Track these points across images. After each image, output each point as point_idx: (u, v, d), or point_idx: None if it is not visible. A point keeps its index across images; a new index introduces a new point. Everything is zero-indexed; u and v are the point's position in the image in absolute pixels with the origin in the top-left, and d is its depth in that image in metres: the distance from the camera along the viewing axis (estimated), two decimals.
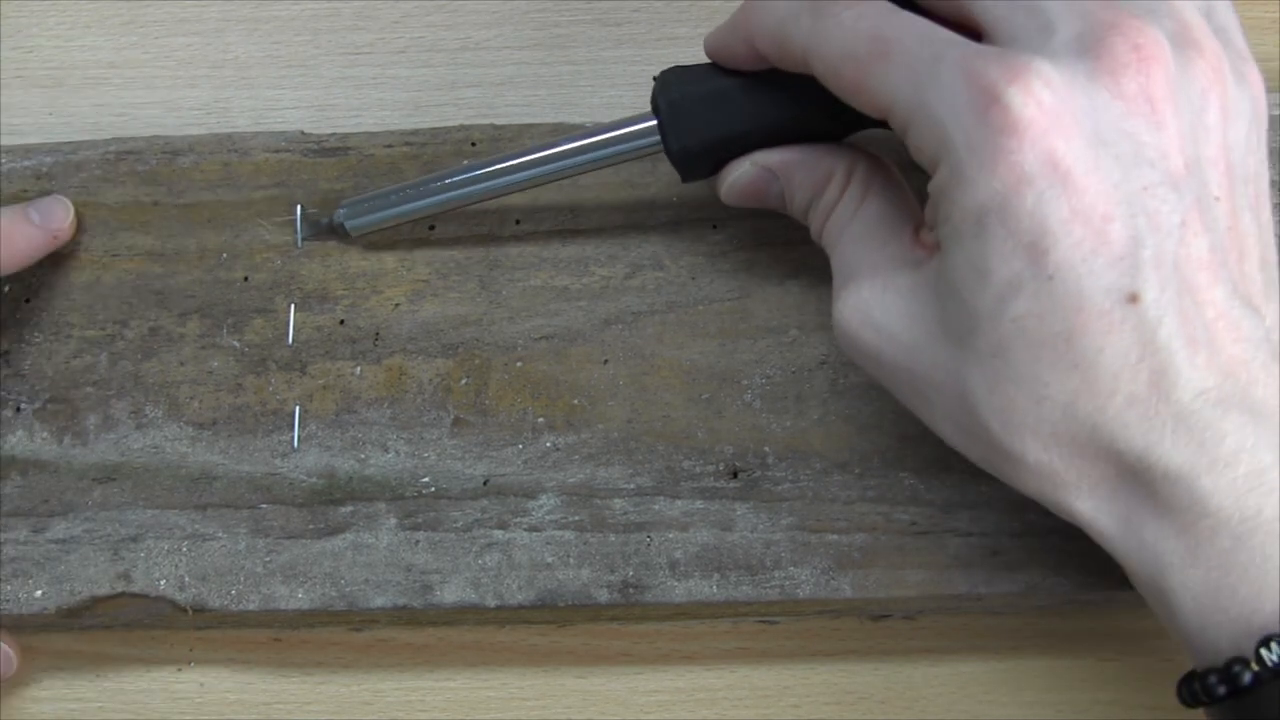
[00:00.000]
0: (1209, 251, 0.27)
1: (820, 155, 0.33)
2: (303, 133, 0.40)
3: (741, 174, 0.34)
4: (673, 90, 0.34)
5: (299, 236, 0.38)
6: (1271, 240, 0.30)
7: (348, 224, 0.37)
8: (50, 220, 0.38)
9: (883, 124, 0.31)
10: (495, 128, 0.39)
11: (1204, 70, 0.28)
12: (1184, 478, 0.27)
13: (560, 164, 0.36)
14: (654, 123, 0.34)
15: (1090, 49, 0.27)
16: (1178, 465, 0.27)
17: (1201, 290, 0.27)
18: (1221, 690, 0.27)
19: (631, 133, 0.35)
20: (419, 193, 0.37)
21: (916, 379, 0.30)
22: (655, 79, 0.34)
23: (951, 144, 0.27)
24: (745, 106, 0.33)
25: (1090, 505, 0.29)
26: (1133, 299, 0.27)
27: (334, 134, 0.40)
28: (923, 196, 0.30)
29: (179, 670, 0.39)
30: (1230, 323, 0.27)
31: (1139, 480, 0.28)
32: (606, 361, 0.37)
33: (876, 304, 0.31)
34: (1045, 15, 0.28)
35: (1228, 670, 0.27)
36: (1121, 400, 0.27)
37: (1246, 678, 0.26)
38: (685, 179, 0.35)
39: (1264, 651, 0.26)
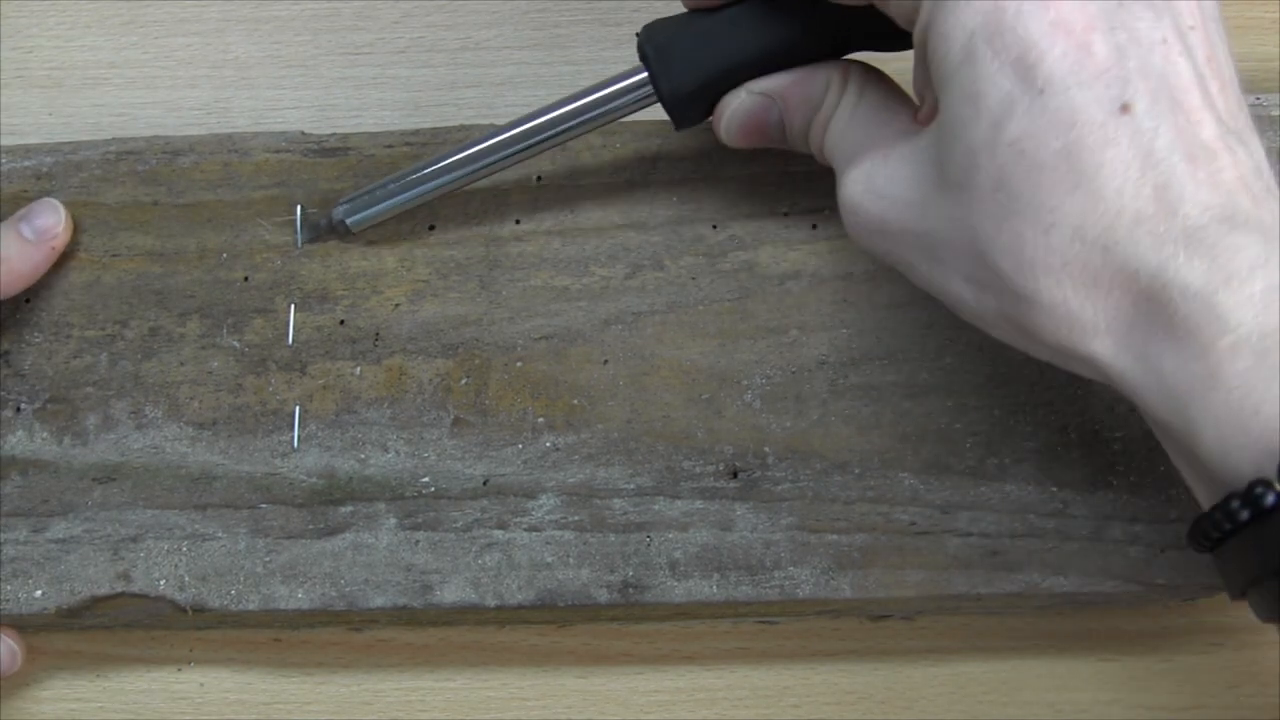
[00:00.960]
0: (1192, 76, 0.28)
1: (812, 70, 0.34)
2: (303, 133, 0.40)
3: (739, 104, 0.34)
4: (658, 35, 0.34)
5: (299, 238, 0.38)
6: (1234, 72, 0.30)
7: (348, 220, 0.37)
8: (45, 234, 0.38)
9: (866, 45, 0.32)
10: (495, 128, 0.39)
11: None
12: (1201, 295, 0.26)
13: (554, 130, 0.35)
14: (644, 74, 0.34)
15: None
16: (1194, 282, 0.26)
17: (1193, 110, 0.27)
18: (1245, 514, 0.26)
19: (623, 87, 0.35)
20: (417, 179, 0.37)
21: (925, 238, 0.30)
22: (638, 34, 0.35)
23: None
24: (732, 37, 0.34)
25: (1109, 344, 0.28)
26: (1125, 108, 0.27)
27: (334, 134, 0.40)
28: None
29: (179, 670, 0.39)
30: (1225, 146, 0.27)
31: (1155, 304, 0.27)
32: (606, 361, 0.37)
33: (879, 172, 0.31)
34: None
35: (1249, 493, 0.26)
36: (1129, 219, 0.27)
37: (1270, 499, 0.25)
38: (679, 125, 0.35)
39: None
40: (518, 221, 0.39)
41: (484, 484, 0.36)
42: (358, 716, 0.39)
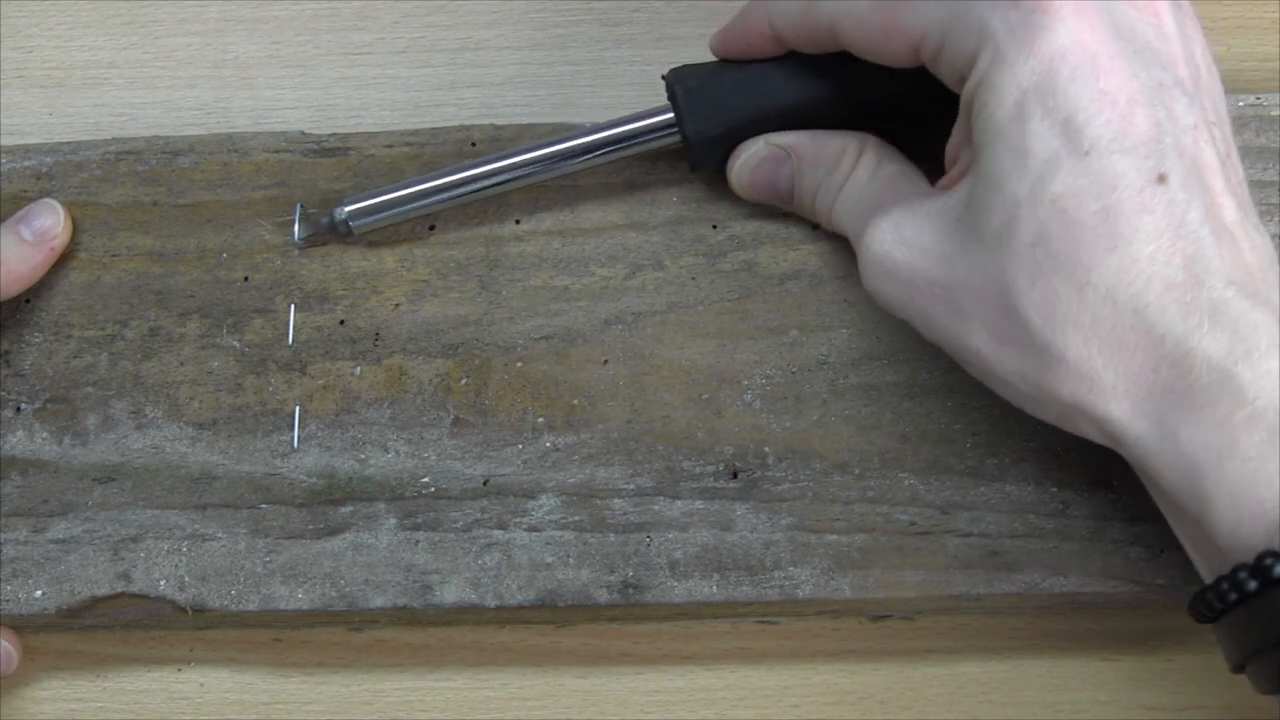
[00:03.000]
0: (1217, 162, 0.29)
1: (831, 135, 0.35)
2: (303, 133, 0.40)
3: (754, 153, 0.36)
4: (689, 79, 0.35)
5: (296, 234, 0.38)
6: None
7: (351, 223, 0.37)
8: (45, 235, 0.38)
9: (889, 118, 0.33)
10: (495, 128, 0.39)
11: (1188, 18, 0.31)
12: (1221, 366, 0.27)
13: (576, 158, 0.36)
14: (670, 114, 0.35)
15: None
16: (1216, 353, 0.27)
17: (1217, 194, 0.29)
18: (1252, 585, 0.26)
19: (649, 124, 0.36)
20: (425, 191, 0.37)
21: (952, 289, 0.31)
22: (664, 76, 0.36)
23: (990, 32, 0.29)
24: (760, 89, 0.35)
25: (1127, 407, 0.29)
26: (1162, 179, 0.28)
27: (334, 134, 0.40)
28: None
29: (179, 670, 0.39)
30: (1245, 231, 0.29)
31: (1176, 371, 0.28)
32: (606, 362, 0.37)
33: (908, 223, 0.32)
34: None
35: (1259, 564, 0.26)
36: (1160, 285, 0.28)
37: (1278, 570, 0.26)
38: (696, 166, 0.37)
39: None
40: (518, 221, 0.39)
41: (484, 484, 0.36)
42: (358, 716, 0.39)
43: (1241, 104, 0.38)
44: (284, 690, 0.39)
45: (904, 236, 0.32)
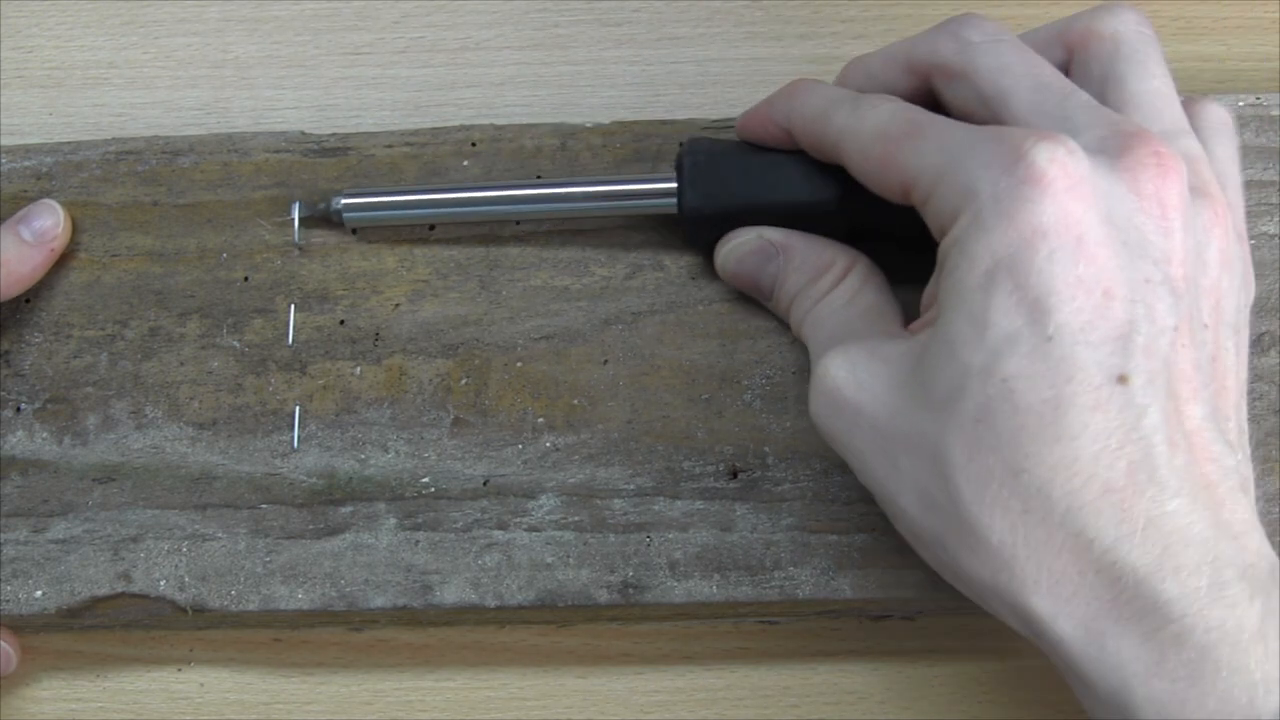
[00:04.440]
0: (1193, 368, 0.28)
1: (824, 244, 0.35)
2: (303, 133, 0.40)
3: (745, 240, 0.35)
4: (699, 152, 0.35)
5: (295, 223, 0.38)
6: (1244, 401, 0.31)
7: (345, 215, 0.37)
8: (44, 236, 0.38)
9: (889, 239, 0.33)
10: (495, 128, 0.39)
11: (1211, 214, 0.30)
12: (1148, 580, 0.26)
13: (571, 205, 0.37)
14: (673, 183, 0.35)
15: (1113, 148, 0.29)
16: (1143, 566, 0.26)
17: (1184, 400, 0.28)
18: None
19: (648, 189, 0.36)
20: (421, 202, 0.37)
21: (890, 441, 0.30)
22: (681, 144, 0.36)
23: (976, 193, 0.28)
24: (766, 180, 0.35)
25: (1049, 604, 0.27)
26: (1122, 379, 0.27)
27: (334, 134, 0.40)
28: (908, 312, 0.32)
29: (179, 670, 0.39)
30: (1206, 441, 0.28)
31: (1103, 579, 0.27)
32: (606, 362, 0.37)
33: (863, 363, 0.31)
34: (1073, 120, 0.29)
35: None
36: (1099, 487, 0.27)
37: None
38: (691, 240, 0.37)
39: None
40: (518, 222, 0.39)
41: (484, 484, 0.36)
42: (358, 716, 0.39)
43: (1241, 104, 0.38)
44: (284, 690, 0.39)
45: (856, 376, 0.31)
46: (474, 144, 0.39)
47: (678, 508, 0.36)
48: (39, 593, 0.36)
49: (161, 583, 0.36)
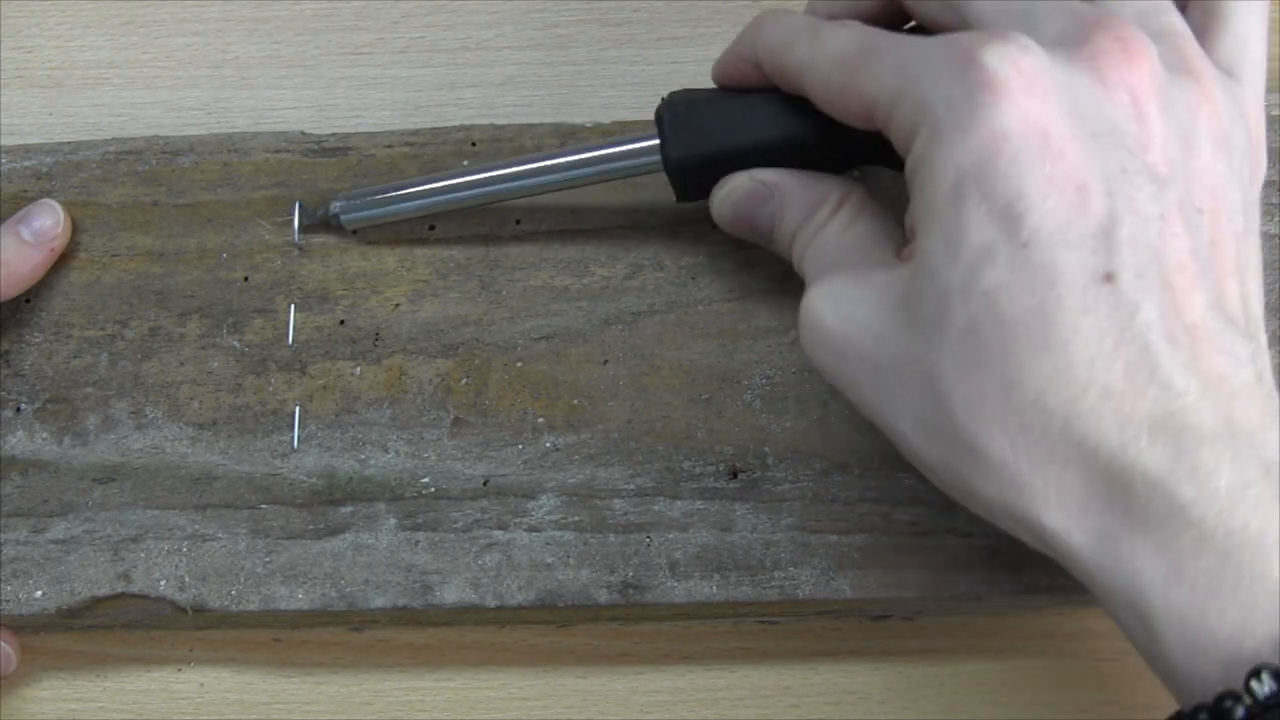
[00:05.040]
0: (1189, 256, 0.27)
1: (818, 179, 0.34)
2: (303, 133, 0.40)
3: (737, 185, 0.34)
4: (678, 104, 0.34)
5: (296, 228, 0.38)
6: (1259, 287, 0.29)
7: (343, 217, 0.37)
8: (44, 236, 0.38)
9: (878, 162, 0.33)
10: (495, 128, 0.39)
11: (1198, 93, 0.28)
12: (1162, 484, 0.25)
13: (560, 175, 0.36)
14: (655, 140, 0.34)
15: (1075, 38, 0.27)
16: (1155, 470, 0.25)
17: (1181, 291, 0.26)
18: None
19: (632, 149, 0.35)
20: (417, 193, 0.37)
21: (882, 370, 0.29)
22: (663, 99, 0.35)
23: (930, 107, 0.27)
24: (748, 121, 0.34)
25: (1059, 518, 0.26)
26: (1108, 278, 0.26)
27: (334, 134, 0.40)
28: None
29: (179, 670, 0.39)
30: (1212, 332, 0.26)
31: (1114, 487, 0.26)
32: (606, 361, 0.37)
33: (848, 293, 0.30)
34: (1033, 15, 0.28)
35: (1218, 706, 0.24)
36: (1096, 393, 0.26)
37: (1239, 713, 0.24)
38: (680, 197, 0.36)
39: (1254, 684, 0.24)
40: (518, 221, 0.39)
41: (484, 484, 0.36)
42: (358, 716, 0.39)
43: None
44: (284, 690, 0.39)
45: (840, 306, 0.30)
46: (474, 144, 0.39)
47: (678, 508, 0.36)
48: (39, 593, 0.36)
49: (161, 583, 0.36)
